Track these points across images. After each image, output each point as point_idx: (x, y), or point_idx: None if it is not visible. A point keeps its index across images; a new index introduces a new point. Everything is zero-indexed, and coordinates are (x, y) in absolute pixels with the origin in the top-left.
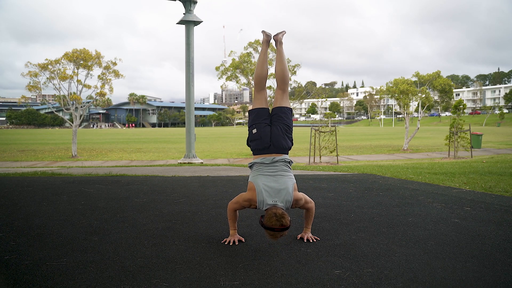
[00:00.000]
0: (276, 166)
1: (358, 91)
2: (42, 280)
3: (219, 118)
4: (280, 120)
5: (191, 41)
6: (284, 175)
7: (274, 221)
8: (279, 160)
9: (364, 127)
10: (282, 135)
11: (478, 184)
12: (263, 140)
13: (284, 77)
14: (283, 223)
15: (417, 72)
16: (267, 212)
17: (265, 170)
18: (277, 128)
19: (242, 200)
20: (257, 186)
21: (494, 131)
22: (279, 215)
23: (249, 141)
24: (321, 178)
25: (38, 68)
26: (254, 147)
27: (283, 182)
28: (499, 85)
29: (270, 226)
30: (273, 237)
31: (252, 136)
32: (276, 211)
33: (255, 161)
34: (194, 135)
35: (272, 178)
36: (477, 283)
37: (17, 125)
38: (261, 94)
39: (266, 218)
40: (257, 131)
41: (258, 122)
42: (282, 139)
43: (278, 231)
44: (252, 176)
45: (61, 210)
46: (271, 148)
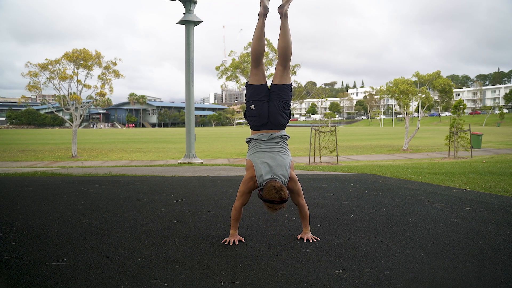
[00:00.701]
0: (273, 143)
1: (358, 91)
2: (42, 280)
3: (219, 118)
4: (279, 98)
5: (191, 41)
6: (281, 152)
7: (273, 193)
8: (276, 137)
9: (364, 127)
10: (279, 111)
11: (478, 184)
12: (261, 117)
13: (287, 53)
14: (282, 195)
15: (417, 72)
16: (265, 185)
17: (263, 146)
18: (275, 105)
19: (247, 183)
20: (254, 162)
21: (494, 131)
22: (278, 188)
23: (247, 116)
24: (321, 178)
25: (38, 68)
26: (252, 123)
27: (280, 158)
28: (499, 85)
29: (269, 198)
30: (272, 209)
31: (250, 112)
32: (275, 184)
33: (252, 137)
34: (194, 135)
35: (270, 155)
36: (477, 283)
37: (17, 125)
38: (258, 69)
39: (265, 191)
40: (255, 108)
41: (256, 99)
42: (279, 116)
43: (277, 203)
44: (250, 153)
45: (61, 210)
46: (268, 124)
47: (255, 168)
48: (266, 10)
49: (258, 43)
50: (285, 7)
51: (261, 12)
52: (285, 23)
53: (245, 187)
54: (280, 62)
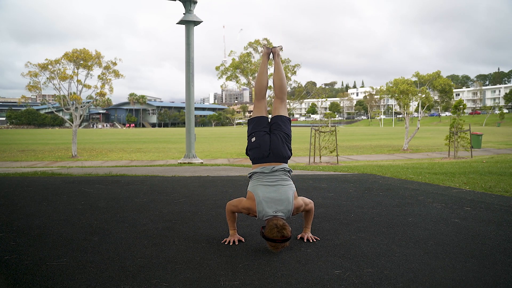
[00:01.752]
0: (275, 176)
1: (358, 91)
2: (42, 280)
3: (219, 118)
4: (280, 129)
5: (191, 41)
6: (284, 185)
7: (275, 232)
8: (278, 169)
9: (364, 127)
10: (281, 143)
11: (478, 184)
12: (262, 149)
13: (282, 87)
14: (284, 234)
15: (417, 72)
16: (268, 223)
17: (265, 180)
18: (276, 137)
19: (241, 207)
20: (256, 197)
21: (494, 131)
22: (280, 227)
23: (248, 150)
24: (321, 178)
25: (38, 68)
26: (253, 156)
27: (284, 191)
28: (499, 85)
29: (272, 237)
30: (275, 248)
31: (251, 145)
32: (277, 222)
33: (254, 171)
34: (194, 135)
35: (272, 188)
36: (477, 283)
37: (17, 125)
38: (261, 103)
39: (267, 230)
40: (256, 139)
41: (257, 130)
42: (281, 148)
43: (280, 243)
44: (252, 186)
45: (61, 210)
46: (270, 156)
47: (256, 203)
48: (269, 50)
49: (262, 77)
50: (277, 48)
51: (265, 52)
52: (278, 61)
53: (240, 209)
54: (277, 95)
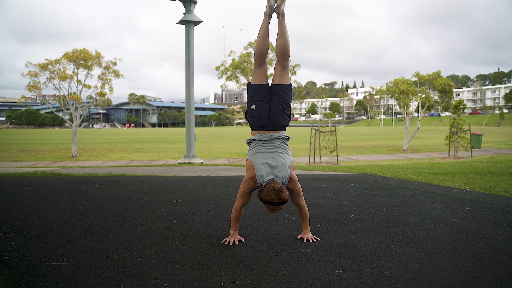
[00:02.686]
0: (274, 143)
1: (358, 91)
2: (42, 280)
3: (219, 118)
4: (279, 98)
5: (191, 41)
6: (281, 152)
7: (273, 195)
8: (277, 137)
9: (364, 127)
10: (280, 112)
11: (478, 184)
12: (262, 118)
13: (285, 52)
14: (281, 196)
15: (417, 72)
16: (265, 186)
17: (263, 147)
18: (275, 106)
19: (247, 184)
20: (255, 163)
21: (494, 131)
22: (278, 189)
23: (248, 116)
24: (321, 178)
25: (38, 68)
26: (252, 124)
27: (281, 158)
28: (499, 85)
29: (269, 199)
30: (272, 211)
31: (251, 112)
32: (274, 185)
33: (253, 138)
34: (194, 135)
35: (270, 155)
36: (477, 283)
37: (17, 125)
38: (261, 69)
39: (265, 192)
40: (255, 108)
41: (257, 99)
42: (280, 117)
43: (277, 205)
44: (251, 154)
45: (61, 210)
46: (269, 125)
47: (255, 169)
48: (272, 10)
49: (262, 41)
50: (281, 7)
51: (267, 12)
52: (282, 23)
53: (245, 188)
54: (279, 61)
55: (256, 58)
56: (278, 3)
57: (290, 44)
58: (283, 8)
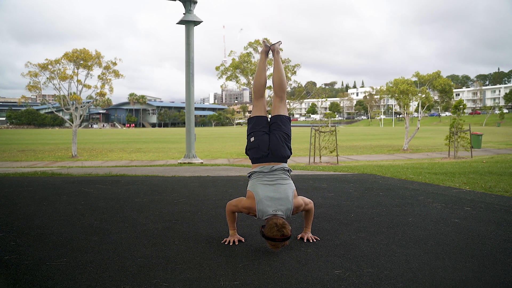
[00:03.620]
0: (275, 175)
1: (358, 91)
2: (42, 280)
3: (219, 118)
4: (279, 128)
5: (191, 41)
6: (283, 183)
7: (275, 231)
8: (278, 169)
9: (364, 127)
10: (281, 143)
11: (478, 184)
12: (261, 149)
13: (281, 85)
14: (284, 233)
15: (417, 72)
16: (267, 222)
17: (264, 179)
18: (275, 137)
19: (241, 207)
20: (256, 195)
21: (494, 131)
22: (280, 225)
23: (248, 150)
24: (321, 178)
25: (38, 68)
26: (252, 156)
27: (283, 190)
28: (499, 85)
29: (272, 236)
30: (275, 247)
31: (250, 145)
32: (277, 221)
33: (254, 170)
34: (194, 135)
35: (272, 187)
36: (477, 283)
37: (17, 125)
38: (259, 101)
39: (267, 229)
40: (255, 139)
41: (256, 130)
42: (281, 147)
43: (280, 241)
44: (251, 185)
45: (61, 210)
46: (269, 156)
47: (256, 203)
48: (268, 48)
49: (260, 76)
50: (276, 46)
51: (263, 50)
52: (277, 59)
53: (240, 209)
54: (277, 93)
55: (255, 91)
56: (274, 43)
57: (285, 78)
58: (278, 47)
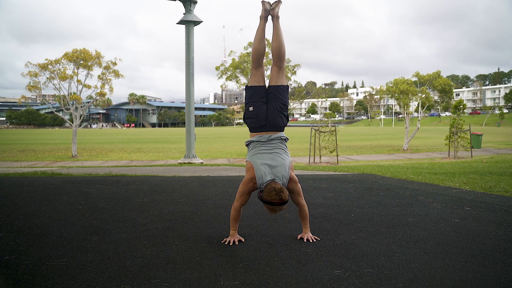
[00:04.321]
0: (272, 144)
1: (358, 91)
2: (42, 280)
3: (219, 118)
4: (276, 99)
5: (191, 41)
6: (280, 153)
7: (273, 195)
8: (275, 138)
9: (364, 127)
10: (278, 113)
11: (478, 184)
12: (259, 118)
13: (280, 54)
14: (282, 197)
15: (417, 72)
16: (266, 187)
17: (262, 148)
18: (273, 107)
19: (246, 184)
20: (255, 164)
21: (494, 131)
22: (278, 189)
23: (246, 118)
24: (321, 178)
25: (38, 68)
26: (250, 125)
27: (280, 159)
28: (499, 85)
29: (270, 200)
30: (272, 211)
31: (249, 114)
32: (275, 185)
33: (252, 140)
34: (194, 135)
35: (269, 156)
36: (477, 283)
37: (17, 125)
38: (258, 71)
39: (266, 193)
40: (253, 109)
41: (255, 100)
42: (278, 117)
43: (277, 205)
44: (250, 155)
45: (61, 210)
46: (267, 126)
47: (255, 170)
48: (267, 13)
49: (259, 44)
50: (276, 10)
51: (263, 15)
52: (277, 25)
53: (244, 188)
54: (275, 62)
55: (253, 60)
56: (273, 6)
57: (285, 46)
58: (277, 11)
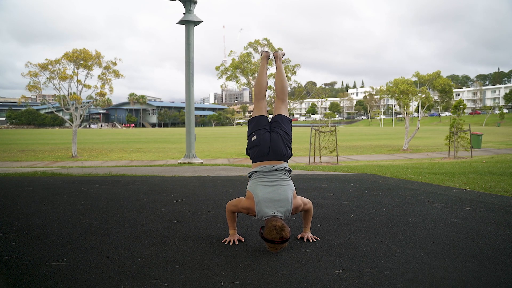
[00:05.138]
0: (275, 175)
1: (358, 91)
2: (42, 280)
3: (219, 118)
4: (280, 127)
5: (191, 41)
6: (283, 184)
7: (274, 234)
8: (278, 169)
9: (364, 127)
10: (282, 141)
11: (478, 184)
12: (262, 146)
13: (283, 88)
14: (283, 235)
15: (417, 72)
16: (267, 224)
17: (264, 179)
18: (277, 135)
19: (241, 207)
20: (255, 196)
21: (494, 131)
22: (279, 228)
23: (249, 149)
24: (321, 178)
25: (38, 68)
26: (253, 155)
27: (283, 191)
28: (499, 85)
29: (271, 239)
30: (273, 249)
31: (251, 143)
32: (276, 223)
33: (254, 170)
34: (194, 135)
35: (271, 188)
36: (477, 283)
37: (17, 125)
38: (260, 103)
39: (267, 231)
40: (256, 138)
41: (258, 129)
42: (281, 145)
43: (278, 244)
44: (251, 185)
45: (61, 210)
46: (270, 154)
47: (255, 203)
48: (268, 54)
49: (261, 79)
50: (279, 54)
51: (265, 55)
52: (279, 65)
53: (238, 209)
54: (278, 96)
55: (256, 93)
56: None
57: (287, 82)
58: (280, 55)
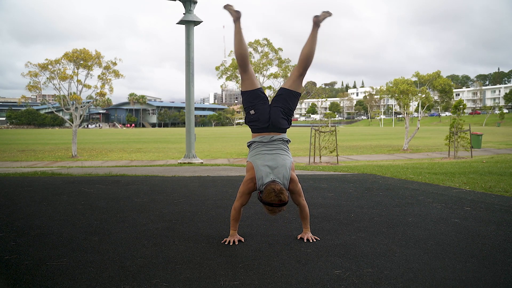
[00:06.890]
0: (274, 145)
1: (358, 91)
2: (42, 280)
3: (219, 118)
4: (284, 103)
5: (191, 41)
6: (282, 154)
7: (273, 196)
8: (277, 139)
9: (364, 127)
10: (281, 115)
11: (478, 184)
12: (262, 121)
13: (307, 61)
14: (281, 198)
15: (417, 72)
16: (266, 187)
17: (263, 149)
18: (277, 109)
19: (246, 185)
20: (255, 165)
21: (494, 131)
22: (278, 191)
23: (247, 122)
24: (321, 178)
25: (38, 68)
26: (252, 127)
27: (281, 159)
28: (499, 85)
29: (269, 201)
30: (272, 212)
31: (250, 118)
32: (274, 186)
33: (253, 140)
34: (194, 135)
35: (270, 156)
36: (477, 283)
37: (17, 125)
38: (247, 74)
39: (265, 194)
40: (255, 113)
41: (254, 103)
42: (281, 119)
43: (277, 206)
44: (251, 155)
45: (61, 210)
46: (269, 127)
47: (255, 170)
48: (239, 15)
49: (240, 47)
50: (320, 19)
51: (234, 18)
52: (315, 33)
53: (245, 188)
54: (298, 68)
55: (239, 64)
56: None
57: (314, 55)
58: (321, 20)
